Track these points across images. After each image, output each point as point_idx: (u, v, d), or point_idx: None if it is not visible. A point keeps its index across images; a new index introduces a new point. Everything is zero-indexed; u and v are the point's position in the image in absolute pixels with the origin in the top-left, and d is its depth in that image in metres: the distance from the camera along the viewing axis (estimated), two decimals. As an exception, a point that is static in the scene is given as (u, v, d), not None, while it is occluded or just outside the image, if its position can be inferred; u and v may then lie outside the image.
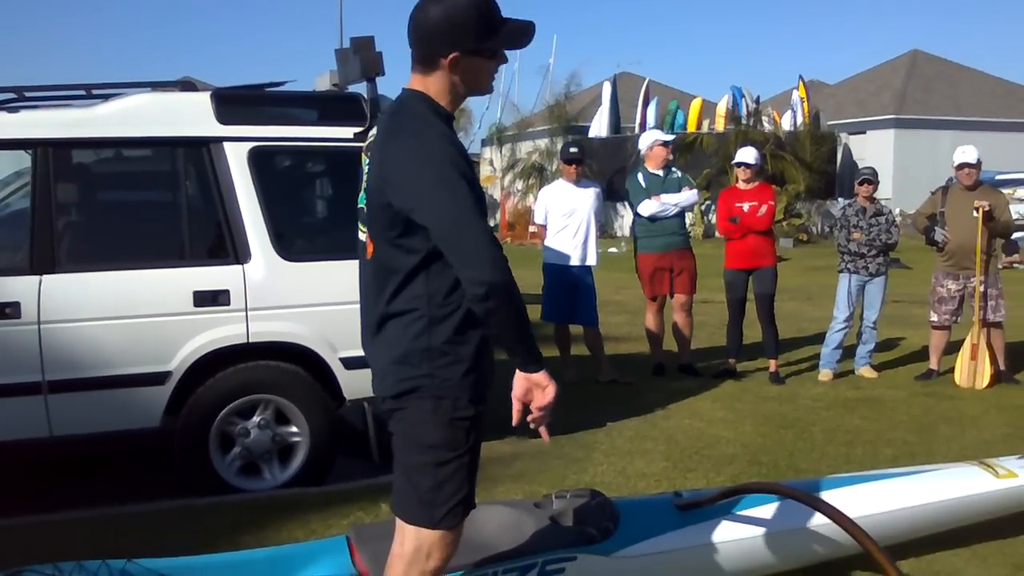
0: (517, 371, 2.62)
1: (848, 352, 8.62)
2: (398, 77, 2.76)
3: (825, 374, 8.40)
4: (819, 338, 8.96)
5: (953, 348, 8.35)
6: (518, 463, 5.80)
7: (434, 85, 2.65)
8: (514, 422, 2.66)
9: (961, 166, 8.14)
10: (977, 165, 8.09)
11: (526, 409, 2.67)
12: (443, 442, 2.63)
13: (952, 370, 8.22)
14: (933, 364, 8.37)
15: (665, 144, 8.58)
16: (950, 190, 8.38)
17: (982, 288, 8.02)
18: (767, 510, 3.93)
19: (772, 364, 8.44)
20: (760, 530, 3.88)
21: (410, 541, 2.70)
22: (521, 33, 2.67)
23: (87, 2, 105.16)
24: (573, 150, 8.39)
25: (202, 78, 16.87)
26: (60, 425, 5.00)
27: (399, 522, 2.74)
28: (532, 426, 2.70)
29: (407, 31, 2.66)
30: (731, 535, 3.85)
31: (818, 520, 3.81)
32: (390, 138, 2.61)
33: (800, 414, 7.14)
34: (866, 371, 8.50)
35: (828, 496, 3.83)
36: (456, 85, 2.66)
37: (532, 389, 2.63)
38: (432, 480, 2.65)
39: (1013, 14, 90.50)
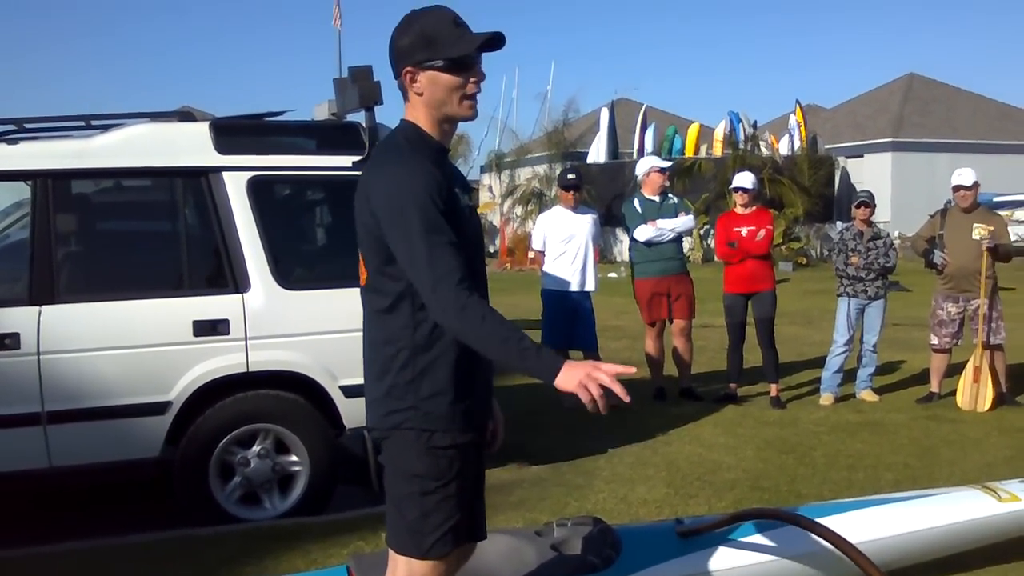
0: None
1: (849, 376, 8.60)
2: (397, 106, 2.78)
3: (826, 398, 8.38)
4: (819, 362, 8.95)
5: (954, 371, 8.33)
6: (519, 491, 5.78)
7: (413, 112, 2.68)
8: (601, 409, 2.45)
9: (957, 188, 8.15)
10: (973, 187, 8.09)
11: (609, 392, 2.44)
12: (427, 471, 2.63)
13: (953, 393, 8.20)
14: (934, 387, 8.36)
15: (661, 171, 8.62)
16: (949, 213, 8.39)
17: (984, 311, 8.02)
18: (769, 536, 3.92)
19: (773, 388, 8.43)
20: (763, 557, 3.87)
21: (401, 571, 2.70)
22: (465, 42, 2.61)
23: (85, 32, 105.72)
24: (571, 176, 8.42)
25: (201, 108, 16.96)
26: (59, 455, 4.98)
27: (391, 552, 2.75)
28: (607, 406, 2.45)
29: None
30: (733, 562, 3.83)
31: (821, 546, 3.79)
32: (372, 169, 2.66)
33: (801, 439, 7.13)
34: (867, 395, 8.48)
35: (830, 522, 3.81)
36: (429, 107, 2.65)
37: (578, 386, 2.40)
38: (418, 510, 2.65)
39: (1009, 37, 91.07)
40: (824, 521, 3.78)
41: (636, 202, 8.59)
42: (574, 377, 2.40)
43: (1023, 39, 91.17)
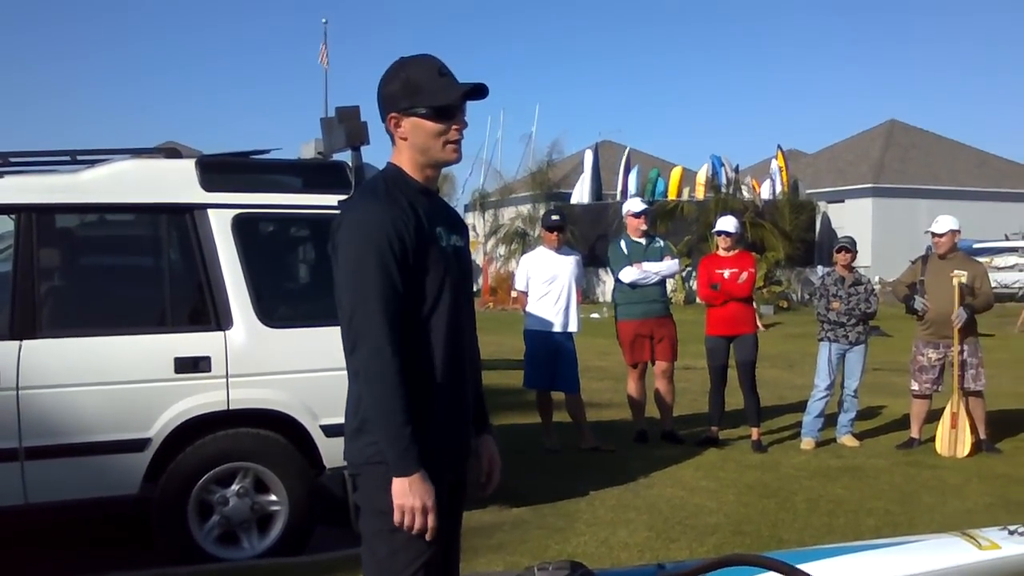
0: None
1: (830, 420, 8.62)
2: (383, 146, 2.81)
3: (807, 442, 8.39)
4: (801, 406, 8.97)
5: (935, 416, 8.36)
6: (499, 533, 5.75)
7: (399, 155, 2.74)
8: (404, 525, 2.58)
9: (933, 235, 8.28)
10: (947, 235, 8.20)
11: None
12: (391, 508, 2.61)
13: (933, 439, 8.22)
14: (914, 433, 8.38)
15: (636, 215, 8.67)
16: (929, 259, 8.47)
17: (962, 357, 8.07)
18: (751, 582, 3.90)
19: (754, 432, 8.43)
20: (744, 602, 3.84)
21: None
22: (446, 91, 2.66)
23: (72, 70, 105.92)
24: (555, 217, 8.46)
25: (186, 144, 16.97)
26: (36, 492, 4.93)
27: None
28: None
29: None
30: (715, 607, 3.81)
31: (802, 592, 3.78)
32: (342, 209, 2.72)
33: (782, 483, 7.13)
34: (848, 440, 8.50)
35: (812, 568, 3.79)
36: (413, 151, 2.70)
37: (400, 504, 2.55)
38: (388, 547, 2.63)
39: (989, 86, 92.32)
40: (806, 567, 3.76)
41: (622, 243, 8.64)
42: (408, 495, 2.55)
43: (1003, 88, 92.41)
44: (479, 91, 2.69)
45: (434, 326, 2.67)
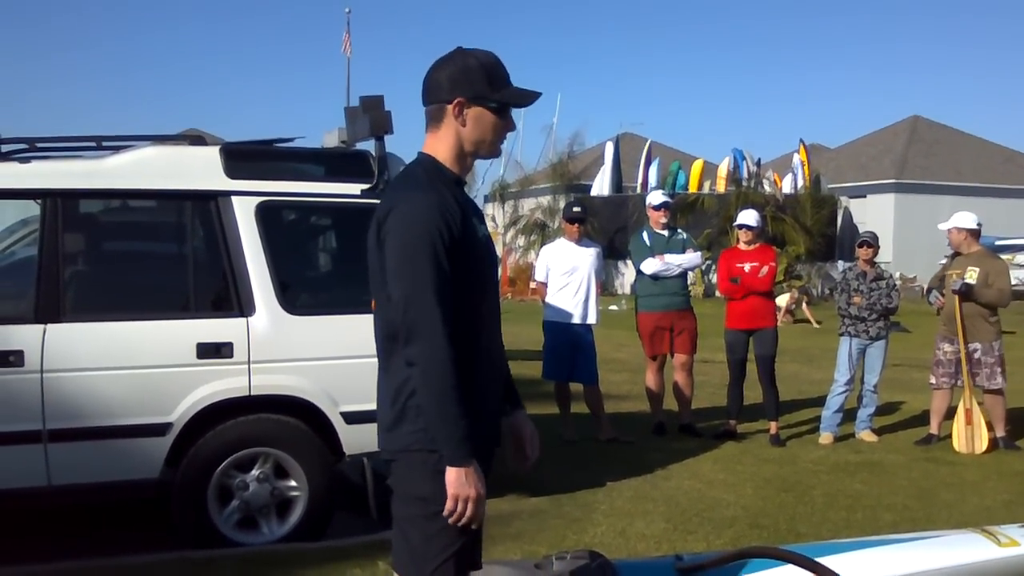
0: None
1: (849, 415, 8.60)
2: (406, 136, 2.83)
3: (826, 437, 8.37)
4: (820, 401, 8.95)
5: (954, 413, 8.33)
6: (517, 522, 5.77)
7: (442, 143, 2.71)
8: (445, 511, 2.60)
9: (949, 231, 8.28)
10: (957, 232, 8.24)
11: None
12: (431, 494, 2.61)
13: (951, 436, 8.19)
14: (933, 429, 8.35)
15: (657, 208, 8.66)
16: (954, 255, 8.45)
17: (976, 355, 8.05)
18: (768, 575, 3.90)
19: (772, 426, 8.42)
20: (761, 595, 3.85)
21: None
22: (523, 94, 2.73)
23: (98, 58, 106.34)
24: (576, 209, 8.47)
25: (211, 132, 17.04)
26: (59, 474, 4.98)
27: None
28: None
29: (422, 93, 2.73)
30: (731, 599, 3.82)
31: (819, 586, 3.78)
32: (386, 199, 2.70)
33: (800, 477, 7.12)
34: (866, 435, 8.48)
35: (829, 561, 3.80)
36: (462, 139, 2.69)
37: (455, 494, 2.57)
38: (421, 533, 2.64)
39: (1014, 82, 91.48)
40: (823, 561, 3.77)
41: (644, 235, 8.63)
42: (464, 484, 2.56)
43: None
44: (534, 98, 2.75)
45: (481, 316, 2.70)
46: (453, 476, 2.56)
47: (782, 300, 20.85)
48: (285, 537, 5.37)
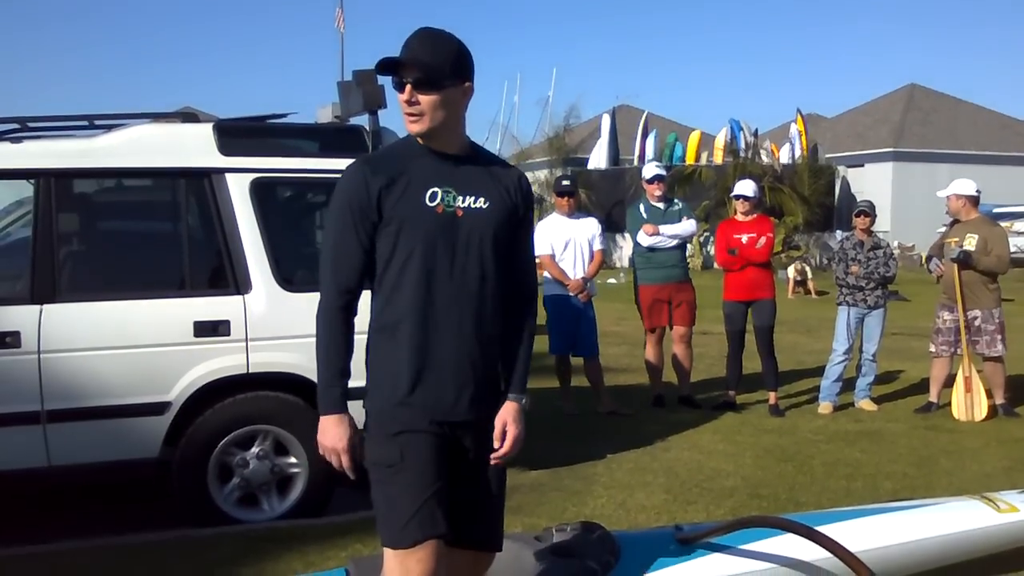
0: None
1: (848, 385, 8.61)
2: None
3: (825, 407, 8.38)
4: (818, 371, 8.95)
5: (954, 380, 8.33)
6: (516, 495, 5.77)
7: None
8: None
9: (949, 198, 8.26)
10: (951, 198, 8.26)
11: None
12: (379, 458, 2.69)
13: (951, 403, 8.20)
14: (933, 397, 8.36)
15: (650, 181, 8.62)
16: (954, 223, 8.44)
17: (976, 323, 8.06)
18: (769, 544, 3.90)
19: (772, 396, 8.43)
20: (762, 564, 3.86)
21: (388, 564, 2.69)
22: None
23: (89, 34, 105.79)
24: (565, 183, 8.45)
25: (202, 108, 16.95)
26: (58, 455, 4.99)
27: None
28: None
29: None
30: (733, 569, 3.82)
31: (820, 554, 3.78)
32: None
33: (800, 447, 7.13)
34: (866, 404, 8.49)
35: (829, 530, 3.80)
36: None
37: (323, 446, 2.75)
38: (382, 496, 2.68)
39: (1010, 48, 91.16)
40: (823, 529, 3.77)
41: (641, 207, 8.61)
42: (321, 433, 2.77)
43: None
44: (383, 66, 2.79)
45: (404, 283, 2.69)
46: (319, 426, 2.74)
47: (790, 272, 20.90)
48: (286, 514, 5.38)
